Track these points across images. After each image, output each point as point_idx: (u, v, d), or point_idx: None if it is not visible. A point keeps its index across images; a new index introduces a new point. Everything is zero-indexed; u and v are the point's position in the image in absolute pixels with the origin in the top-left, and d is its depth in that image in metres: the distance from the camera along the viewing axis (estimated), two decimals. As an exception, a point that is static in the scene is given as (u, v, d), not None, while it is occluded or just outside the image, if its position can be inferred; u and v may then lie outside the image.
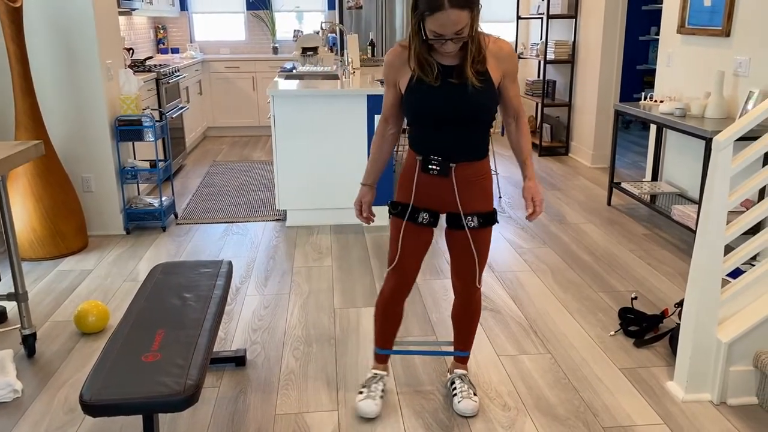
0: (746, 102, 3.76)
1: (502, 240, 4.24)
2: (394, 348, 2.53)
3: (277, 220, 4.70)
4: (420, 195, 2.22)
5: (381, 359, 2.53)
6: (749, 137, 3.23)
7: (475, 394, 2.45)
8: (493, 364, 2.76)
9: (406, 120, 2.23)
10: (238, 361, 2.75)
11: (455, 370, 2.53)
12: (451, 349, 2.70)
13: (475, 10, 1.94)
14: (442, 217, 2.30)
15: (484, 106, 2.08)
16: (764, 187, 3.65)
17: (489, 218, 2.24)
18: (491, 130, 2.22)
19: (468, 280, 2.33)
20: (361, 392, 2.46)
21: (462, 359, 2.54)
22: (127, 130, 4.31)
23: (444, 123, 2.10)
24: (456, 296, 2.42)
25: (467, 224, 2.22)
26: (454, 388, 2.47)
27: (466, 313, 2.42)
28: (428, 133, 2.14)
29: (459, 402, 2.41)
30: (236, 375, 2.69)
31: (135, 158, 4.77)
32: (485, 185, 2.22)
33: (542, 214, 4.76)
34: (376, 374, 2.50)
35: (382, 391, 2.47)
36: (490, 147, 6.50)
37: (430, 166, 2.16)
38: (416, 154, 2.20)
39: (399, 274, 2.32)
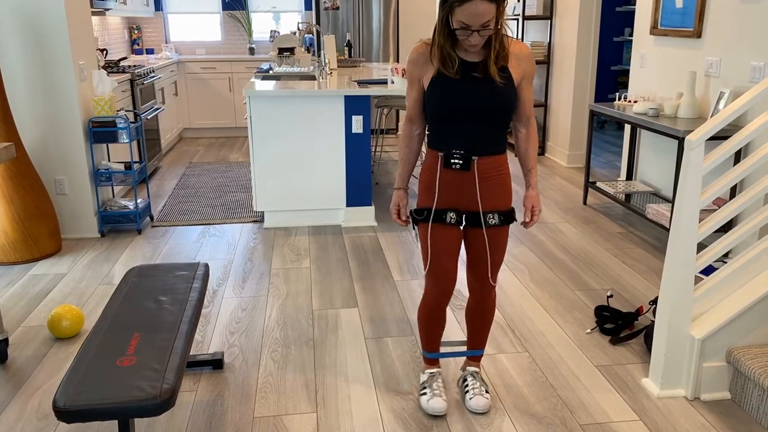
0: (717, 102, 3.83)
1: (480, 240, 4.26)
2: (442, 350, 2.53)
3: (254, 221, 4.68)
4: (443, 194, 2.22)
5: (431, 361, 2.53)
6: (720, 137, 3.29)
7: (487, 392, 2.46)
8: (472, 363, 2.77)
9: (427, 118, 2.23)
10: (216, 364, 2.73)
11: (468, 368, 2.54)
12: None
13: (502, 5, 1.97)
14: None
15: (506, 101, 2.10)
16: (735, 185, 3.72)
17: (509, 216, 2.26)
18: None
19: (484, 278, 2.33)
20: (424, 393, 2.45)
21: (476, 357, 2.55)
22: (101, 131, 4.25)
23: (466, 117, 2.11)
24: (471, 294, 2.42)
25: (488, 222, 2.23)
26: (466, 386, 2.48)
27: (482, 311, 2.43)
28: (450, 129, 2.15)
29: (471, 399, 2.43)
30: (214, 378, 2.67)
31: (109, 160, 4.71)
32: (505, 182, 2.23)
33: (519, 213, 4.79)
34: (432, 373, 2.50)
35: (443, 387, 2.48)
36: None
37: (452, 161, 2.16)
38: (437, 152, 2.20)
39: (437, 278, 2.31)
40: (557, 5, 6.35)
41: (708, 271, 3.34)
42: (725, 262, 2.98)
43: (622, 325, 3.02)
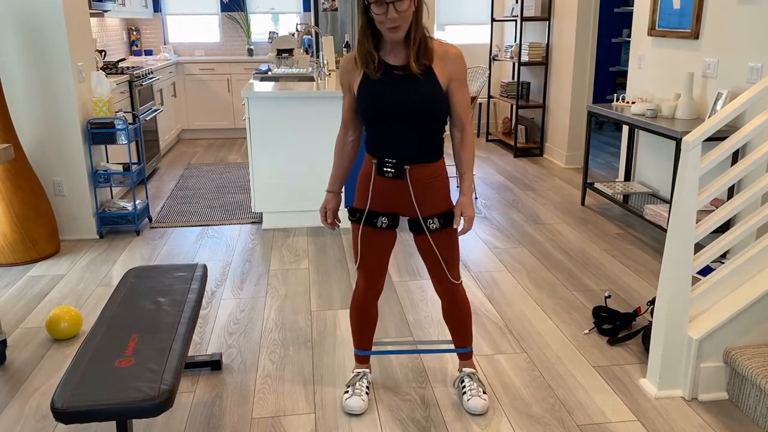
0: (715, 103, 3.84)
1: (478, 240, 4.27)
2: (374, 348, 2.54)
3: (253, 222, 4.68)
4: (377, 198, 2.24)
5: (361, 359, 2.54)
6: (718, 137, 3.30)
7: (484, 392, 2.47)
8: (470, 364, 2.78)
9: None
10: (214, 365, 2.73)
11: (463, 369, 2.54)
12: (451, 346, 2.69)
13: None
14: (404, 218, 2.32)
15: (431, 103, 2.10)
16: (733, 186, 3.73)
17: (449, 218, 2.26)
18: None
19: (445, 279, 2.35)
20: (346, 391, 2.47)
21: (465, 356, 2.55)
22: (99, 132, 4.26)
23: (394, 120, 2.12)
24: (441, 298, 2.44)
25: (429, 227, 2.24)
26: (464, 387, 2.49)
27: (454, 311, 2.44)
28: (381, 134, 2.17)
29: (468, 400, 2.43)
30: (212, 379, 2.67)
31: (108, 161, 4.71)
32: (442, 186, 2.24)
33: (518, 214, 4.80)
34: (359, 372, 2.51)
35: (367, 387, 2.48)
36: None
37: (384, 169, 2.19)
38: (372, 157, 2.23)
39: (365, 277, 2.37)
40: (555, 6, 6.36)
41: (705, 271, 3.35)
42: (723, 263, 2.99)
43: (619, 326, 3.02)
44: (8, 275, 3.75)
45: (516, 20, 6.81)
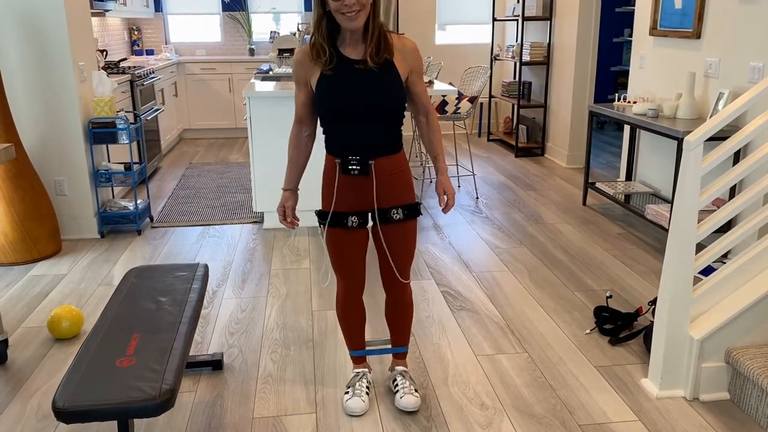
0: (716, 103, 3.83)
1: (479, 240, 4.27)
2: (368, 348, 2.54)
3: (254, 222, 4.68)
4: (344, 198, 2.23)
5: (358, 360, 2.54)
6: (719, 137, 3.29)
7: (416, 390, 2.47)
8: (471, 363, 2.78)
9: (320, 121, 2.24)
10: (215, 365, 2.73)
11: (396, 367, 2.55)
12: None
13: None
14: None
15: (392, 97, 2.11)
16: (734, 186, 3.72)
17: (412, 210, 2.27)
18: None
19: (395, 275, 2.34)
20: (347, 392, 2.46)
21: (401, 355, 2.55)
22: (100, 132, 4.26)
23: (357, 115, 2.12)
24: (387, 293, 2.43)
25: (393, 217, 2.24)
26: (396, 385, 2.49)
27: (397, 309, 2.44)
28: (342, 131, 2.16)
29: (401, 398, 2.43)
30: (213, 379, 2.67)
31: (109, 161, 4.71)
32: (405, 178, 2.25)
33: (519, 214, 4.80)
34: (358, 372, 2.51)
35: (367, 387, 2.48)
36: (470, 147, 6.56)
37: (350, 167, 2.18)
38: (334, 158, 2.21)
39: (346, 279, 2.35)
40: (557, 6, 6.36)
41: (707, 271, 3.35)
42: (724, 263, 2.98)
43: (621, 326, 3.02)
44: (9, 275, 3.75)
45: (517, 20, 6.80)
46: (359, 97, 2.09)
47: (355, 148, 2.16)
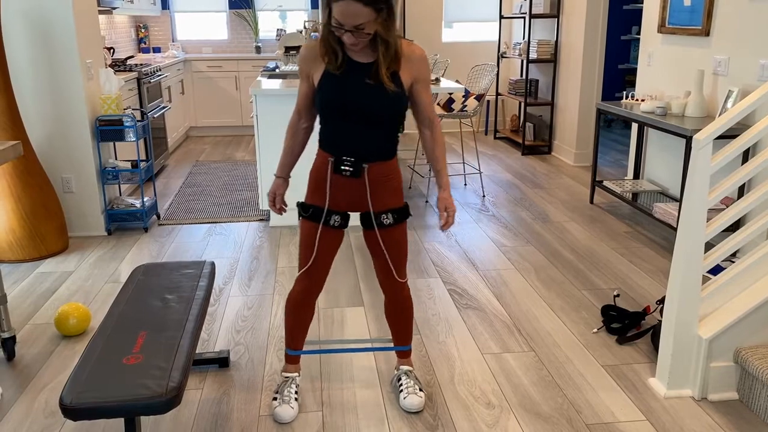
0: (725, 101, 3.81)
1: (486, 239, 4.26)
2: (305, 348, 2.52)
3: (260, 220, 4.68)
4: (333, 197, 2.22)
5: (292, 360, 2.48)
6: (728, 135, 3.27)
7: (421, 390, 2.46)
8: (477, 362, 2.77)
9: (319, 117, 2.23)
10: (222, 362, 2.74)
11: (401, 367, 2.54)
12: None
13: (381, 12, 1.98)
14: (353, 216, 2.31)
15: (392, 102, 2.09)
16: (743, 184, 3.70)
17: (402, 213, 2.27)
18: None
19: (392, 277, 2.34)
20: (275, 398, 2.43)
21: (404, 354, 2.54)
22: (108, 130, 4.27)
23: (354, 118, 2.11)
24: (385, 294, 2.43)
25: (383, 222, 2.23)
26: (401, 384, 2.48)
27: (396, 309, 2.43)
28: (339, 130, 2.15)
29: (405, 398, 2.42)
30: (219, 376, 2.67)
31: (116, 158, 4.72)
32: (395, 183, 2.24)
33: (525, 212, 4.78)
34: (287, 378, 2.47)
35: (296, 393, 2.45)
36: (475, 146, 6.55)
37: (342, 167, 2.17)
38: (328, 155, 2.20)
39: (311, 277, 2.31)
40: (564, 4, 6.33)
41: (716, 270, 3.33)
42: (733, 262, 2.96)
43: (628, 325, 3.00)
44: (17, 272, 3.76)
45: (524, 17, 6.78)
46: (358, 101, 2.08)
47: (350, 149, 2.15)
